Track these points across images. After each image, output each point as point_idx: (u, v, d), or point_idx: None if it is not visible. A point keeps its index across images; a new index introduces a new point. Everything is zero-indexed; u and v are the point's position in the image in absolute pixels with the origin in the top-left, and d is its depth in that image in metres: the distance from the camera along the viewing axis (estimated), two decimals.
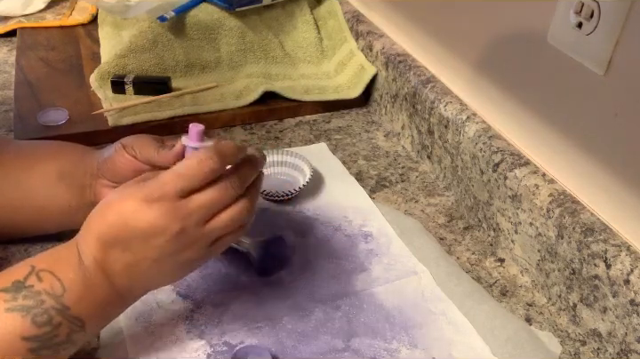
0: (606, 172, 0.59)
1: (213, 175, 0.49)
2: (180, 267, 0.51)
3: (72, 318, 0.46)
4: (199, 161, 0.48)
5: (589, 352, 0.59)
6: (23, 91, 0.89)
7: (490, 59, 0.73)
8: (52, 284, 0.46)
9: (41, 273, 0.46)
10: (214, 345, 0.56)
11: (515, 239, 0.67)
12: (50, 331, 0.45)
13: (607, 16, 0.55)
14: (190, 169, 0.48)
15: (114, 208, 0.48)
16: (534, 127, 0.67)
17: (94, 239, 0.48)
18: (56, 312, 0.46)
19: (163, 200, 0.47)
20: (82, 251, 0.48)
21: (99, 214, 0.49)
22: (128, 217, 0.47)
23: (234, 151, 0.51)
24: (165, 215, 0.47)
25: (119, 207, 0.47)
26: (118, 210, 0.47)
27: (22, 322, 0.44)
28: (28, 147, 0.65)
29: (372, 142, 0.88)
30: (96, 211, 0.49)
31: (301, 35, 0.99)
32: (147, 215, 0.47)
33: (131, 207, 0.47)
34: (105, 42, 1.01)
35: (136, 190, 0.48)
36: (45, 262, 0.47)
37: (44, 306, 0.45)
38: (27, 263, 0.47)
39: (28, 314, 0.45)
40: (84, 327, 0.47)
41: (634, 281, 0.53)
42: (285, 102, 0.91)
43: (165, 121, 0.85)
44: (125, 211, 0.47)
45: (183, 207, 0.47)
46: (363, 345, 0.57)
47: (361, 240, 0.69)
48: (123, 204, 0.47)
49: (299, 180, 0.76)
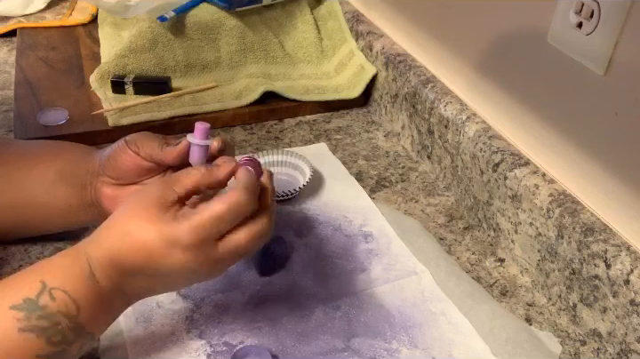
0: (606, 172, 0.59)
1: (245, 216, 0.48)
2: (196, 281, 0.52)
3: (86, 333, 0.47)
4: (237, 205, 0.47)
5: (589, 352, 0.59)
6: (23, 91, 0.89)
7: (490, 59, 0.73)
8: (66, 304, 0.45)
9: (54, 291, 0.45)
10: (214, 345, 0.56)
11: (515, 239, 0.67)
12: (64, 347, 0.45)
13: (607, 16, 0.55)
14: (229, 213, 0.47)
15: (138, 244, 0.46)
16: (534, 127, 0.67)
17: (112, 266, 0.47)
18: (71, 331, 0.45)
19: (198, 246, 0.46)
20: (95, 268, 0.47)
21: (116, 239, 0.47)
22: (157, 259, 0.46)
23: (256, 185, 0.50)
24: (198, 260, 0.47)
25: (146, 246, 0.46)
26: (146, 249, 0.46)
27: (37, 341, 0.44)
28: (29, 146, 0.65)
29: (372, 142, 0.88)
30: (112, 234, 0.47)
31: (301, 35, 0.99)
32: (177, 258, 0.46)
33: (160, 249, 0.46)
34: (105, 42, 1.01)
35: (165, 228, 0.46)
36: (57, 279, 0.46)
37: (60, 327, 0.45)
38: (35, 274, 0.46)
39: (42, 334, 0.44)
40: (94, 337, 0.48)
41: (634, 281, 0.53)
42: (285, 102, 0.91)
43: (165, 121, 0.85)
44: (154, 253, 0.46)
45: (218, 251, 0.48)
46: (363, 345, 0.57)
47: (361, 240, 0.69)
48: (151, 244, 0.46)
49: (299, 180, 0.76)
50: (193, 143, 0.56)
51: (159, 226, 0.46)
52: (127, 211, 0.48)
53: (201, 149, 0.57)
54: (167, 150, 0.57)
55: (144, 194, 0.48)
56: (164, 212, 0.47)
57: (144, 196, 0.48)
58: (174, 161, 0.58)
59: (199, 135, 0.56)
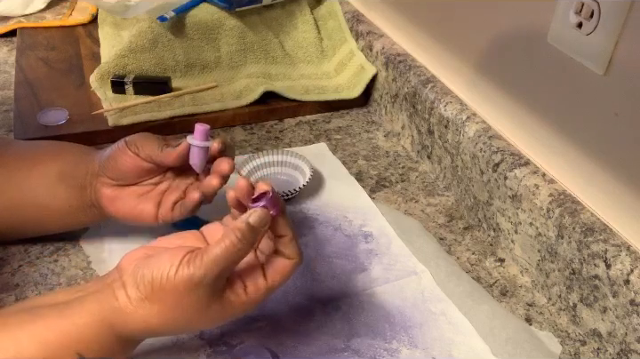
0: (606, 172, 0.59)
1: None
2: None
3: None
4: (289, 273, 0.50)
5: (589, 352, 0.59)
6: (23, 91, 0.89)
7: (490, 60, 0.73)
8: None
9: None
10: (214, 345, 0.56)
11: (515, 239, 0.67)
12: None
13: (607, 16, 0.55)
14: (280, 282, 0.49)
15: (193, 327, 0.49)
16: (534, 127, 0.67)
17: (150, 335, 0.49)
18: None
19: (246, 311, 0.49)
20: (126, 329, 0.47)
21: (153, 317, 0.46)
22: (193, 325, 0.48)
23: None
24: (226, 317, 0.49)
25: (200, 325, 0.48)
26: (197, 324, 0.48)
27: None
28: (29, 147, 0.65)
29: (372, 142, 0.88)
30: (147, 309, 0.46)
31: (301, 36, 0.99)
32: (209, 317, 0.48)
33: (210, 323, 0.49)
34: (105, 42, 1.01)
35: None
36: (92, 351, 0.45)
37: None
38: (68, 346, 0.45)
39: None
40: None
41: (634, 281, 0.53)
42: (285, 102, 0.91)
43: (165, 121, 0.85)
44: (191, 325, 0.48)
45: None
46: (363, 345, 0.57)
47: (361, 240, 0.69)
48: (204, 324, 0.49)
49: (299, 180, 0.76)
50: (193, 145, 0.57)
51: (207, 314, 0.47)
52: (177, 298, 0.46)
53: (201, 151, 0.57)
54: (167, 151, 0.57)
55: (190, 283, 0.45)
56: (217, 298, 0.47)
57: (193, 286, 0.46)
58: (174, 162, 0.58)
59: (199, 136, 0.56)
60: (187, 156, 0.57)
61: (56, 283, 0.62)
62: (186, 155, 0.57)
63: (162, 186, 0.61)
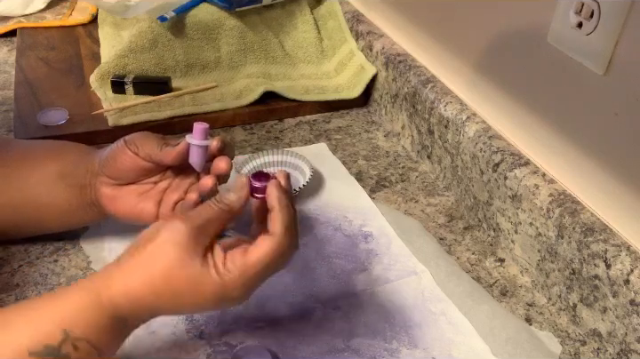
0: (606, 172, 0.59)
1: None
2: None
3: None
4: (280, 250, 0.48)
5: (589, 352, 0.59)
6: (23, 91, 0.89)
7: (490, 60, 0.73)
8: (89, 353, 0.45)
9: (77, 342, 0.44)
10: (214, 345, 0.56)
11: (515, 239, 0.67)
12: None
13: (607, 16, 0.55)
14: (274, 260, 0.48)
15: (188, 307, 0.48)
16: (534, 127, 0.67)
17: (137, 308, 0.47)
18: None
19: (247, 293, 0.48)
20: (118, 312, 0.46)
21: (144, 284, 0.46)
22: (189, 304, 0.47)
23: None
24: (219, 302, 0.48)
25: (179, 291, 0.47)
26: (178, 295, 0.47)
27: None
28: (29, 146, 0.65)
29: (372, 142, 0.88)
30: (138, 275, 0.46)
31: (301, 36, 0.99)
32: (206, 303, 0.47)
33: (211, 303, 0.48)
34: (105, 42, 1.01)
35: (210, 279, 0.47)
36: (79, 327, 0.45)
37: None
38: (55, 322, 0.44)
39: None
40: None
41: (634, 281, 0.53)
42: (285, 102, 0.91)
43: (165, 121, 0.85)
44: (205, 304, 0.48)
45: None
46: (363, 345, 0.57)
47: (361, 240, 0.69)
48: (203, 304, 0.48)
49: (299, 180, 0.76)
50: (192, 144, 0.57)
51: (196, 275, 0.47)
52: (156, 254, 0.47)
53: (200, 150, 0.57)
54: (166, 151, 0.57)
55: (170, 237, 0.47)
56: (196, 257, 0.47)
57: (172, 242, 0.47)
58: (173, 161, 0.58)
59: (198, 135, 0.56)
60: (186, 155, 0.57)
61: (56, 283, 0.62)
62: (185, 154, 0.57)
63: (162, 184, 0.61)
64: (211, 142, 0.57)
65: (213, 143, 0.57)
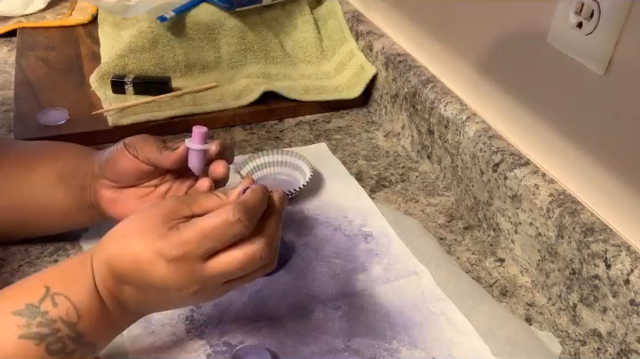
0: (606, 172, 0.59)
1: (240, 237, 0.45)
2: (193, 303, 0.54)
3: (85, 344, 0.45)
4: (227, 223, 0.44)
5: (589, 352, 0.59)
6: (23, 91, 0.89)
7: (490, 60, 0.73)
8: (67, 311, 0.44)
9: (56, 297, 0.44)
10: (214, 345, 0.56)
11: (515, 239, 0.67)
12: (63, 357, 0.44)
13: (607, 16, 0.55)
14: (216, 230, 0.44)
15: (131, 249, 0.45)
16: (534, 127, 0.67)
17: (107, 270, 0.46)
18: (70, 340, 0.44)
19: (182, 261, 0.44)
20: (96, 273, 0.46)
21: (116, 244, 0.46)
22: (143, 268, 0.44)
23: (260, 206, 0.47)
24: (182, 277, 0.44)
25: (136, 252, 0.45)
26: (135, 255, 0.45)
27: (36, 349, 0.43)
28: (29, 148, 0.65)
29: (372, 142, 0.88)
30: (114, 237, 0.46)
31: (301, 35, 0.99)
32: (161, 272, 0.44)
33: (146, 259, 0.44)
34: (105, 42, 1.01)
35: (156, 238, 0.44)
36: (61, 283, 0.45)
37: (59, 334, 0.44)
38: (40, 280, 0.45)
39: (42, 342, 0.43)
40: (95, 350, 0.47)
41: (634, 281, 0.53)
42: (285, 102, 0.91)
43: (165, 121, 0.85)
44: (141, 261, 0.44)
45: (204, 271, 0.45)
46: (363, 345, 0.57)
47: (361, 240, 0.69)
48: (140, 251, 0.44)
49: (299, 180, 0.76)
50: (191, 148, 0.56)
51: (152, 236, 0.45)
52: (134, 217, 0.47)
53: (199, 154, 0.57)
54: (165, 154, 0.57)
55: (158, 205, 0.47)
56: (163, 224, 0.45)
57: (156, 207, 0.47)
58: (172, 165, 0.58)
59: (197, 140, 0.56)
60: (185, 159, 0.57)
61: None
62: (184, 158, 0.57)
63: (162, 188, 0.61)
64: (210, 146, 0.57)
65: (212, 147, 0.57)
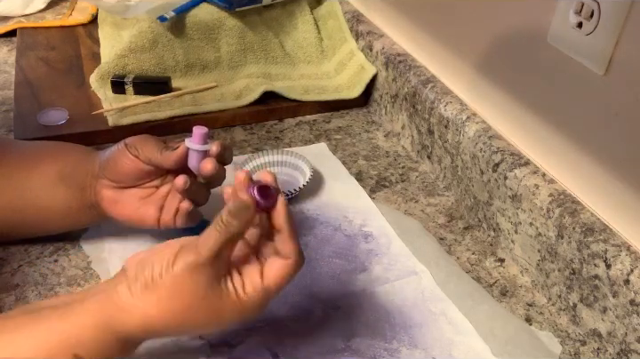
0: (606, 172, 0.59)
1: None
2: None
3: None
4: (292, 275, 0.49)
5: (589, 352, 0.59)
6: (23, 91, 0.89)
7: (490, 60, 0.73)
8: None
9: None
10: (214, 345, 0.56)
11: (515, 239, 0.67)
12: None
13: (607, 16, 0.55)
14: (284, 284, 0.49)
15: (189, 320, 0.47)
16: (534, 127, 0.67)
17: (146, 334, 0.47)
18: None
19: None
20: (128, 338, 0.47)
21: (158, 311, 0.46)
22: (200, 328, 0.49)
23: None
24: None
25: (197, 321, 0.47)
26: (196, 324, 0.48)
27: None
28: (29, 148, 0.65)
29: (372, 142, 0.88)
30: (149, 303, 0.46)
31: (301, 36, 0.99)
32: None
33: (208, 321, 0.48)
34: (105, 42, 1.01)
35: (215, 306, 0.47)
36: (90, 352, 0.45)
37: None
38: (67, 349, 0.45)
39: None
40: None
41: (634, 281, 0.53)
42: (285, 102, 0.91)
43: (165, 121, 0.85)
44: (200, 325, 0.48)
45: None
46: (363, 345, 0.57)
47: (361, 240, 0.69)
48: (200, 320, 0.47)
49: (299, 180, 0.76)
50: (191, 149, 0.57)
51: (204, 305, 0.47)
52: (176, 289, 0.46)
53: (199, 154, 0.57)
54: (166, 154, 0.57)
55: (188, 271, 0.46)
56: (217, 286, 0.47)
57: (191, 278, 0.46)
58: (173, 165, 0.58)
59: (197, 140, 0.56)
60: (185, 159, 0.57)
61: (56, 283, 0.62)
62: (184, 157, 0.57)
63: (163, 189, 0.61)
64: (210, 147, 0.57)
65: (213, 148, 0.57)
